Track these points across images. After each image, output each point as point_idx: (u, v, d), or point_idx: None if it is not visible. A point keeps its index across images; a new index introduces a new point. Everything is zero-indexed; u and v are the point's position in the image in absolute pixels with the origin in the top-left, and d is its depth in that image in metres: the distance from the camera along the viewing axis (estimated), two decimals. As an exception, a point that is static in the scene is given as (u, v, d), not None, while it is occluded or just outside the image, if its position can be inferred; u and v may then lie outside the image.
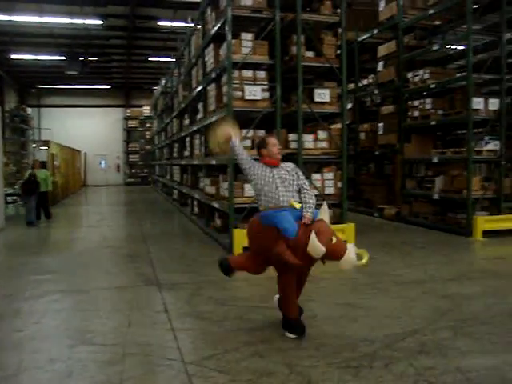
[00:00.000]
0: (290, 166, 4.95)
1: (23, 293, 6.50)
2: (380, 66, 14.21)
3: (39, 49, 24.07)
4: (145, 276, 7.25)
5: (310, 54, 9.34)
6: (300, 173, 4.95)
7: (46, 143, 19.64)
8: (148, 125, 34.39)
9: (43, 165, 15.13)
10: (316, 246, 4.29)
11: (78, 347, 4.50)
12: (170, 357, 4.16)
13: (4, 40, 22.50)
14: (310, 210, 4.64)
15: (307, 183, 4.93)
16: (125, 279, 7.18)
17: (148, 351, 4.35)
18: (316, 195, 8.91)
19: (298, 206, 4.62)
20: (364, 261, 4.52)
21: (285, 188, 4.71)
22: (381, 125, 13.98)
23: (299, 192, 4.80)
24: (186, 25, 16.76)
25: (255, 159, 5.01)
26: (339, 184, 9.37)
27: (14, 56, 25.17)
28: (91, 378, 3.84)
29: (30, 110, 31.77)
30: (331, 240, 4.41)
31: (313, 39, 9.11)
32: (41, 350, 4.44)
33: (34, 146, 24.93)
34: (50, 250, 9.95)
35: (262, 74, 9.17)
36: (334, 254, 4.41)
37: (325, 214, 4.65)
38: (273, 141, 4.98)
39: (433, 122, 11.61)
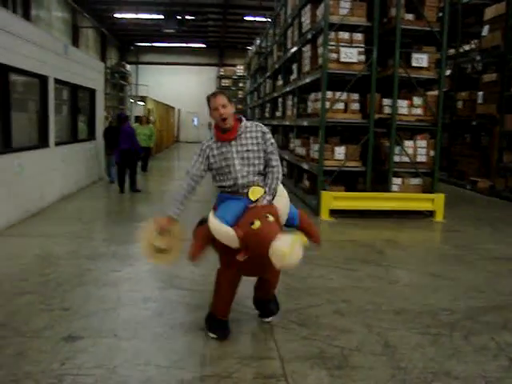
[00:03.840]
0: (253, 128, 3.78)
1: (120, 237, 7.01)
2: (485, 31, 13.34)
3: (140, 7, 24.86)
4: (232, 231, 7.51)
5: (409, 16, 8.99)
6: (268, 136, 3.80)
7: (143, 99, 20.42)
8: (241, 84, 34.71)
9: (149, 121, 15.78)
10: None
11: (168, 290, 4.85)
12: (253, 307, 4.39)
13: (109, 0, 23.46)
14: (267, 198, 3.62)
15: (275, 151, 3.84)
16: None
17: (234, 300, 4.59)
18: (407, 163, 8.87)
19: (254, 196, 3.60)
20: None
21: (246, 167, 3.69)
22: (481, 93, 13.27)
23: (266, 166, 3.78)
24: (284, -16, 16.56)
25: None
26: (432, 153, 9.12)
27: (116, 15, 26.19)
28: (180, 319, 4.15)
29: (128, 67, 33.06)
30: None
31: (413, 1, 8.76)
32: (135, 290, 4.84)
33: (132, 101, 25.95)
34: (145, 200, 10.53)
35: (358, 36, 8.98)
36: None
37: (280, 198, 3.73)
38: (216, 101, 3.69)
39: (539, 93, 10.89)
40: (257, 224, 3.33)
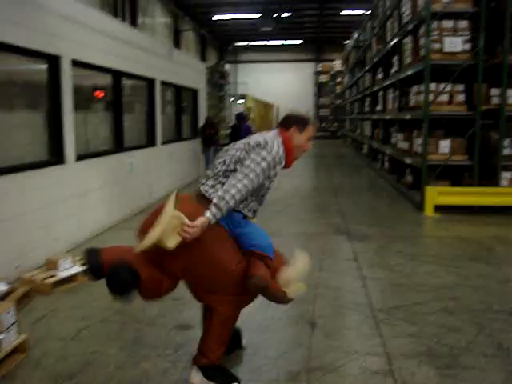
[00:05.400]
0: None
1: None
2: None
3: (237, 8, 25.40)
4: (335, 225, 7.54)
5: (521, -2, 8.46)
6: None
7: (243, 97, 20.81)
8: (339, 79, 34.35)
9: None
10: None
11: (273, 284, 4.94)
12: (358, 302, 4.37)
13: (208, 3, 24.24)
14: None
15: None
16: (316, 227, 7.57)
17: (338, 295, 4.62)
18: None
19: None
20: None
21: None
22: None
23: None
24: (383, -25, 16.18)
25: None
26: (546, 144, 8.54)
27: (215, 17, 26.96)
28: (286, 312, 4.20)
29: (227, 66, 33.86)
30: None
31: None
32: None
33: (232, 99, 26.54)
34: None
35: (463, 23, 8.57)
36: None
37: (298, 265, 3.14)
38: (312, 132, 3.26)
39: None
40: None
